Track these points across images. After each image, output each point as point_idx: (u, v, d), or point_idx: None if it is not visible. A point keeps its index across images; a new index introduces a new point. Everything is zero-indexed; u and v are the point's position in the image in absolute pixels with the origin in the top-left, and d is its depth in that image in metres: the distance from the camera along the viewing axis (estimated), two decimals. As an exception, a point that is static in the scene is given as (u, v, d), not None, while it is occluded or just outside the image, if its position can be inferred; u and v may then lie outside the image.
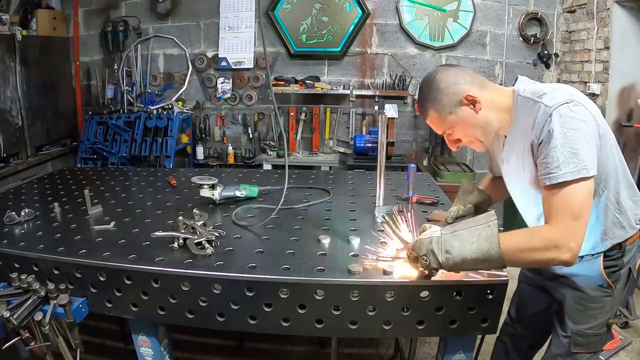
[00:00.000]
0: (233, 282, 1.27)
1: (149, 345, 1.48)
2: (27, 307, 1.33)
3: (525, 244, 1.11)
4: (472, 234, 1.14)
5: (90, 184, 2.30)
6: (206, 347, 2.50)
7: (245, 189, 1.96)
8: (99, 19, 4.48)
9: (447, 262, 1.14)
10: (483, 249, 1.11)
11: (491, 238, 1.11)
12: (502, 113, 1.28)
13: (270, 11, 4.16)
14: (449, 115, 1.27)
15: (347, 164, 3.97)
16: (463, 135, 1.31)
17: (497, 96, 1.28)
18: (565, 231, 1.08)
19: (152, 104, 4.33)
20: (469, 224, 1.17)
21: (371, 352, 2.56)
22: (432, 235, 1.19)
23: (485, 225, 1.13)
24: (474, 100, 1.24)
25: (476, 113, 1.25)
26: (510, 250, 1.11)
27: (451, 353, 1.40)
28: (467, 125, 1.28)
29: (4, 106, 3.53)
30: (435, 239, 1.17)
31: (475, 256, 1.12)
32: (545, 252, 1.09)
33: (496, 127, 1.28)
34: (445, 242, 1.15)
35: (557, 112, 1.11)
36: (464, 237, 1.14)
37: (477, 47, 4.21)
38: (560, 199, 1.10)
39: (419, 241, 1.20)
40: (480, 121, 1.26)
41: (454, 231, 1.17)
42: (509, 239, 1.12)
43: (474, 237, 1.13)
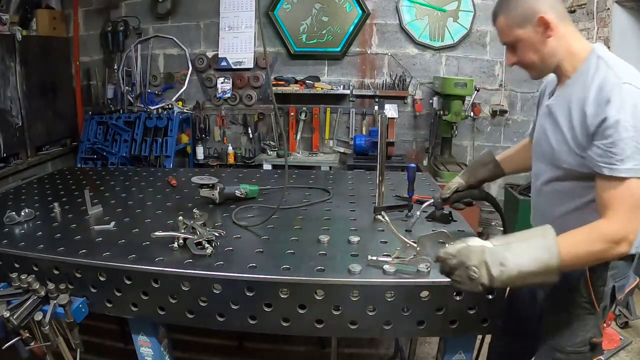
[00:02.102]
0: (233, 282, 1.27)
1: (149, 345, 1.48)
2: (27, 307, 1.33)
3: (585, 248, 1.08)
4: (529, 245, 1.06)
5: (90, 184, 2.30)
6: (206, 347, 2.50)
7: (245, 189, 1.96)
8: (99, 19, 4.48)
9: (500, 276, 1.04)
10: (542, 259, 1.04)
11: (550, 247, 1.05)
12: (570, 58, 1.22)
13: (270, 11, 4.16)
14: (517, 29, 1.21)
15: (347, 164, 3.97)
16: (522, 55, 1.25)
17: (573, 37, 1.22)
18: (624, 224, 1.07)
19: (152, 104, 4.33)
20: (523, 236, 1.10)
21: (371, 352, 2.56)
22: (483, 245, 1.07)
23: (541, 237, 1.08)
24: (548, 24, 1.18)
25: (544, 39, 1.19)
26: (570, 256, 1.06)
27: (451, 353, 1.40)
28: (530, 47, 1.22)
29: (4, 106, 3.53)
30: (488, 250, 1.06)
31: (533, 268, 1.04)
32: (606, 251, 1.08)
33: (555, 64, 1.23)
34: (499, 253, 1.05)
35: (631, 97, 1.06)
36: (519, 249, 1.06)
37: (477, 47, 4.20)
38: (620, 192, 1.07)
39: (467, 249, 1.07)
40: (544, 49, 1.21)
41: (508, 243, 1.08)
42: (567, 245, 1.06)
43: (531, 249, 1.06)
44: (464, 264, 1.06)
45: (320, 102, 4.30)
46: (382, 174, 1.71)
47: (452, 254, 1.09)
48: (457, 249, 1.09)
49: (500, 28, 1.27)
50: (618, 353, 2.50)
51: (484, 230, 4.08)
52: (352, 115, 4.32)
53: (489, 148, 4.29)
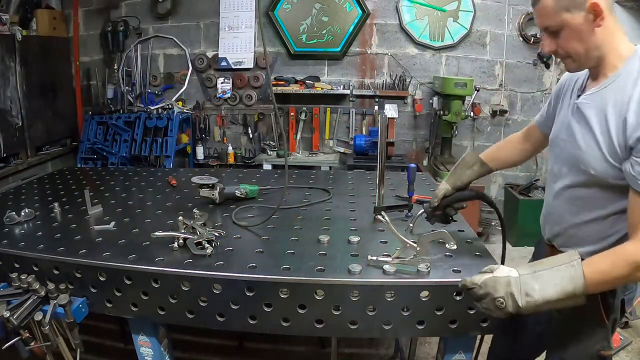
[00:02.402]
0: (233, 282, 1.27)
1: (149, 345, 1.48)
2: (27, 307, 1.33)
3: (610, 274, 1.04)
4: (555, 275, 1.05)
5: (90, 184, 2.30)
6: (206, 347, 2.50)
7: (245, 189, 1.96)
8: (99, 19, 4.48)
9: (527, 306, 1.05)
10: (567, 290, 1.04)
11: (576, 279, 1.03)
12: (612, 55, 1.13)
13: (270, 11, 4.16)
14: (564, 13, 1.10)
15: (347, 164, 3.98)
16: (566, 43, 1.14)
17: (619, 34, 1.14)
18: None
19: (152, 104, 4.33)
20: (549, 264, 1.08)
21: (371, 352, 2.56)
22: (509, 275, 1.07)
23: (568, 265, 1.05)
24: (599, 13, 1.08)
25: (592, 28, 1.10)
26: (595, 283, 1.04)
27: (451, 353, 1.40)
28: (576, 35, 1.11)
29: (4, 106, 3.53)
30: (514, 281, 1.06)
31: (558, 297, 1.04)
32: (632, 275, 1.04)
33: (596, 58, 1.14)
34: (525, 284, 1.05)
35: None
36: (545, 279, 1.05)
37: (477, 47, 4.21)
38: None
39: (493, 280, 1.08)
40: (591, 39, 1.11)
41: (534, 272, 1.07)
42: (593, 272, 1.04)
43: (556, 279, 1.05)
44: (491, 295, 1.07)
45: (320, 102, 4.30)
46: (382, 174, 1.71)
47: (478, 284, 1.09)
48: (483, 280, 1.09)
49: (543, 10, 1.15)
50: (618, 353, 2.50)
51: (484, 230, 4.08)
52: (352, 115, 4.33)
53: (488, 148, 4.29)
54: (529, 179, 4.23)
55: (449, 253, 1.38)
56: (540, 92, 4.25)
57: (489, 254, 1.41)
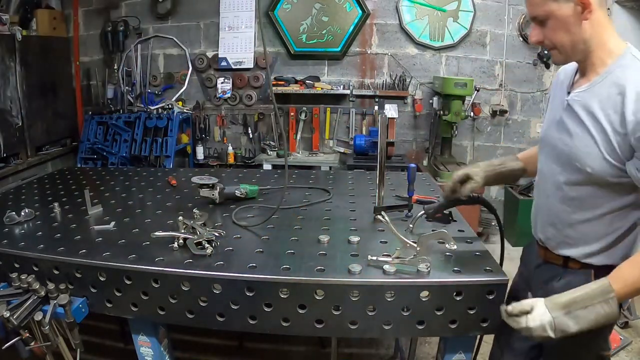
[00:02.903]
0: (233, 282, 1.27)
1: (149, 345, 1.48)
2: (27, 307, 1.33)
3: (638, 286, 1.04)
4: (590, 312, 1.04)
5: (90, 184, 2.30)
6: (206, 347, 2.50)
7: (245, 189, 1.96)
8: (99, 19, 4.48)
9: (561, 337, 1.06)
10: (602, 322, 1.05)
11: (611, 315, 1.03)
12: (602, 50, 1.11)
13: (270, 11, 4.16)
14: (551, 3, 1.09)
15: (347, 164, 3.98)
16: (552, 33, 1.13)
17: (609, 30, 1.12)
18: None
19: (152, 104, 4.33)
20: (583, 302, 1.05)
21: (371, 352, 2.56)
22: (542, 322, 1.05)
23: (604, 303, 1.03)
24: (587, 5, 1.06)
25: (579, 21, 1.08)
26: (624, 295, 1.05)
27: (451, 353, 1.40)
28: (562, 26, 1.10)
29: (4, 106, 3.53)
30: (549, 325, 1.05)
31: (592, 327, 1.05)
32: None
33: (584, 52, 1.12)
34: (560, 324, 1.05)
35: None
36: (580, 317, 1.04)
37: (477, 47, 4.21)
38: None
39: (527, 329, 1.07)
40: (577, 31, 1.09)
41: (568, 312, 1.05)
42: (623, 288, 1.03)
43: (591, 315, 1.04)
44: (529, 334, 1.08)
45: (320, 102, 4.30)
46: (382, 174, 1.71)
47: (518, 327, 1.10)
48: (519, 327, 1.09)
49: None
50: (618, 353, 2.50)
51: (484, 230, 4.08)
52: (352, 115, 4.33)
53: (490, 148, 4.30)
54: (529, 179, 4.23)
55: (449, 253, 1.38)
56: (540, 92, 4.25)
57: (489, 254, 1.41)
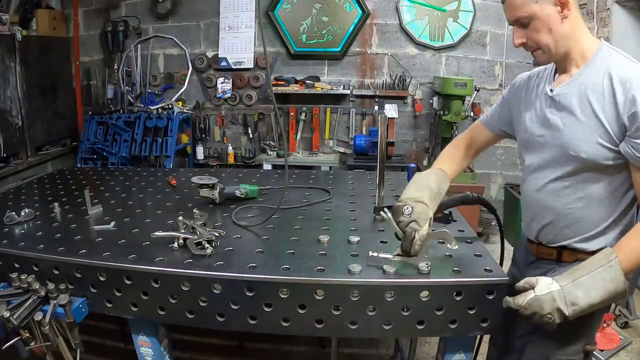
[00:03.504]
0: (233, 282, 1.27)
1: (149, 345, 1.48)
2: (27, 307, 1.33)
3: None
4: (595, 279, 1.06)
5: (90, 184, 2.30)
6: (206, 347, 2.50)
7: (245, 189, 1.96)
8: (99, 19, 4.49)
9: (573, 314, 1.07)
10: (610, 290, 1.06)
11: (617, 279, 1.06)
12: (579, 47, 1.18)
13: (270, 11, 4.16)
14: (533, 4, 1.14)
15: (347, 164, 3.98)
16: (535, 34, 1.17)
17: (583, 29, 1.19)
18: None
19: (152, 104, 4.33)
20: (587, 269, 1.08)
21: (371, 352, 2.56)
22: (550, 290, 1.08)
23: (607, 267, 1.06)
24: (566, 3, 1.13)
25: (561, 20, 1.14)
26: (631, 266, 1.07)
27: (451, 353, 1.39)
28: (545, 26, 1.15)
29: (4, 106, 3.53)
30: (558, 294, 1.07)
31: (602, 299, 1.07)
32: None
33: (564, 50, 1.18)
34: (569, 294, 1.06)
35: None
36: (587, 285, 1.06)
37: (477, 47, 4.21)
38: None
39: (537, 299, 1.08)
40: (560, 29, 1.15)
41: (574, 280, 1.07)
42: (627, 257, 1.07)
43: (597, 282, 1.06)
44: (538, 313, 1.08)
45: (320, 102, 4.30)
46: (382, 174, 1.71)
47: (523, 306, 1.10)
48: (527, 302, 1.09)
49: (513, 3, 1.18)
50: (618, 353, 2.50)
51: (484, 230, 4.08)
52: (352, 115, 4.33)
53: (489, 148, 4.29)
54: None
55: (449, 253, 1.38)
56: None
57: (489, 254, 1.41)
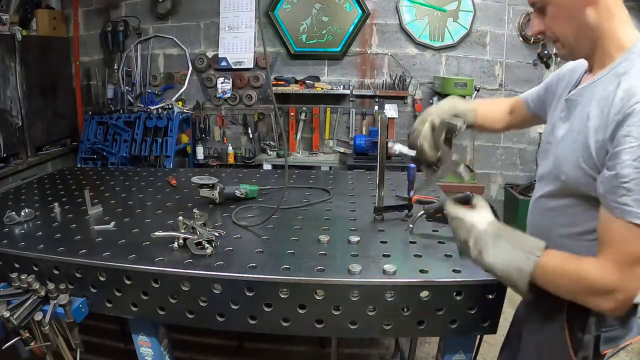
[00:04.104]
0: (233, 282, 1.27)
1: (149, 345, 1.48)
2: (27, 307, 1.33)
3: (561, 281, 0.95)
4: (511, 255, 0.98)
5: (90, 184, 2.30)
6: (206, 347, 2.50)
7: (245, 189, 1.96)
8: (99, 19, 4.49)
9: (475, 261, 1.04)
10: (511, 277, 0.99)
11: (523, 274, 0.96)
12: (610, 42, 0.96)
13: (270, 11, 4.16)
14: None
15: (347, 164, 3.98)
16: (553, 22, 0.99)
17: (621, 19, 0.96)
18: (618, 277, 0.87)
19: (152, 104, 4.33)
20: (514, 241, 1.00)
21: (371, 352, 2.56)
22: (474, 224, 1.04)
23: (526, 256, 0.96)
24: None
25: (582, 6, 0.94)
26: (543, 279, 0.96)
27: (451, 353, 1.40)
28: (564, 14, 0.97)
29: (4, 106, 3.53)
30: (476, 233, 1.03)
31: (501, 276, 1.01)
32: (585, 298, 0.93)
33: (589, 44, 0.98)
34: (485, 242, 1.01)
35: None
36: (501, 251, 0.99)
37: (477, 47, 4.21)
38: (630, 240, 0.86)
39: (460, 221, 1.06)
40: (581, 18, 0.95)
41: (498, 237, 1.01)
42: (547, 267, 0.95)
43: (509, 259, 0.98)
44: (455, 232, 1.09)
45: (320, 102, 4.30)
46: (382, 174, 1.71)
47: (450, 216, 1.10)
48: (454, 216, 1.09)
49: None
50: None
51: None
52: (352, 115, 4.33)
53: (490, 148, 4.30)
54: (529, 179, 4.23)
55: (449, 253, 1.38)
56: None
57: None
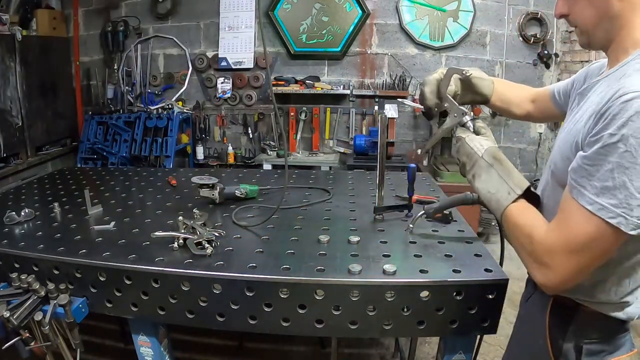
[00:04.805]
0: (233, 282, 1.27)
1: (149, 345, 1.48)
2: (27, 307, 1.33)
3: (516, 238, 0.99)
4: (497, 186, 1.05)
5: (90, 184, 2.30)
6: (206, 347, 2.50)
7: (245, 189, 1.96)
8: (99, 19, 4.49)
9: (469, 182, 1.12)
10: (491, 204, 1.07)
11: (501, 205, 1.03)
12: (627, 33, 0.91)
13: (270, 11, 4.16)
14: None
15: (347, 164, 3.98)
16: (577, 6, 0.96)
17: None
18: (557, 255, 0.87)
19: (152, 104, 4.34)
20: (503, 173, 1.05)
21: (371, 352, 2.56)
22: (473, 149, 1.11)
23: (507, 192, 1.02)
24: None
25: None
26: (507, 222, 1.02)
27: (451, 353, 1.40)
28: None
29: (4, 106, 3.53)
30: (473, 159, 1.10)
31: (484, 199, 1.09)
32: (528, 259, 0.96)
33: (607, 36, 0.94)
34: (480, 169, 1.09)
35: None
36: (490, 179, 1.06)
37: (477, 47, 4.21)
38: (578, 223, 0.84)
39: (462, 143, 1.14)
40: (604, 6, 0.90)
41: (490, 166, 1.07)
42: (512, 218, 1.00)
43: (493, 190, 1.05)
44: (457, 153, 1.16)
45: (320, 102, 4.31)
46: (382, 174, 1.71)
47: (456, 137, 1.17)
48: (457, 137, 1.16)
49: None
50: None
51: (484, 230, 4.08)
52: (352, 115, 4.33)
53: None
54: (529, 179, 4.22)
55: (449, 253, 1.38)
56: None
57: (489, 254, 1.41)
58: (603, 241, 0.83)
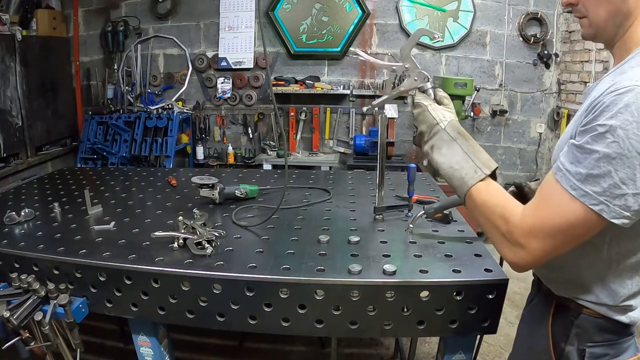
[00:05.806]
0: (233, 282, 1.27)
1: (149, 345, 1.48)
2: (27, 307, 1.33)
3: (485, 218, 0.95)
4: (461, 162, 1.00)
5: (90, 184, 2.30)
6: (206, 347, 2.50)
7: (245, 189, 1.96)
8: (99, 19, 4.49)
9: (426, 154, 1.07)
10: (452, 182, 1.02)
11: (464, 185, 0.98)
12: (634, 31, 0.90)
13: (270, 11, 4.16)
14: None
15: (347, 164, 3.98)
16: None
17: None
18: (536, 241, 0.86)
19: (152, 104, 4.34)
20: (469, 150, 1.02)
21: (371, 352, 2.56)
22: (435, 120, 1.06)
23: (474, 170, 0.98)
24: None
25: None
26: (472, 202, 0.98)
27: (451, 353, 1.40)
28: None
29: (4, 106, 3.53)
30: (434, 130, 1.05)
31: (444, 175, 1.04)
32: (498, 241, 0.93)
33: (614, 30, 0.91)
34: (441, 142, 1.04)
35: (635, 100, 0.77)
36: (454, 154, 1.02)
37: (477, 47, 4.21)
38: (558, 207, 0.84)
39: (424, 111, 1.09)
40: (621, 1, 0.88)
41: (453, 140, 1.03)
42: (480, 197, 0.96)
43: (456, 165, 1.01)
44: (415, 120, 1.11)
45: (320, 102, 4.31)
46: (382, 174, 1.71)
47: (415, 102, 1.13)
48: (416, 104, 1.12)
49: None
50: None
51: (484, 230, 4.08)
52: (352, 115, 4.33)
53: (490, 148, 4.29)
54: (529, 179, 4.22)
55: (449, 253, 1.38)
56: (540, 92, 4.25)
57: (489, 254, 1.41)
58: (582, 227, 0.83)
